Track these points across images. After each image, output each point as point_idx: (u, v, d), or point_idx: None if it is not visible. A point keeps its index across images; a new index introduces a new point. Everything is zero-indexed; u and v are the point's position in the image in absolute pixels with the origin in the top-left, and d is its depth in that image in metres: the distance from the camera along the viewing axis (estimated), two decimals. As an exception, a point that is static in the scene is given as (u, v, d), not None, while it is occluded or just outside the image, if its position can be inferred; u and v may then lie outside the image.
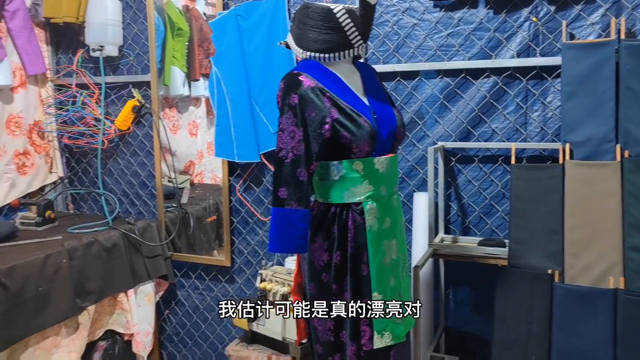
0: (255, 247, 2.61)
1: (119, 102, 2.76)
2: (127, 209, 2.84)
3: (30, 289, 2.03)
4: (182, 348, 2.85)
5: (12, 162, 2.66)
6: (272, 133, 2.46)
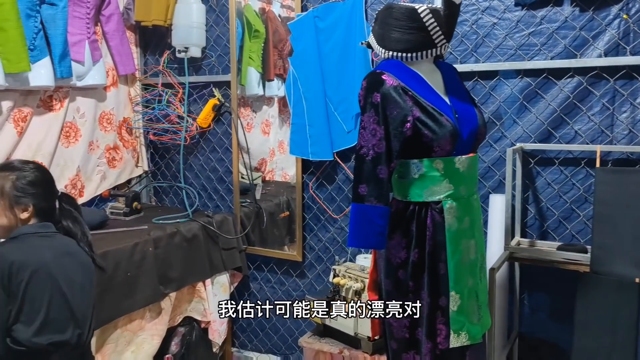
0: (326, 243, 2.66)
1: (200, 101, 2.90)
2: (205, 203, 2.98)
3: (120, 274, 2.18)
4: (254, 338, 2.95)
5: (104, 156, 2.86)
6: (346, 132, 2.50)
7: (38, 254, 1.53)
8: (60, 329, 1.52)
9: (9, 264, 1.46)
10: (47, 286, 1.50)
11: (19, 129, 2.41)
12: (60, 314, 1.53)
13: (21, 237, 1.57)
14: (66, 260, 1.59)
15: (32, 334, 1.46)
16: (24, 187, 1.59)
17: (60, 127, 2.59)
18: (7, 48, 2.19)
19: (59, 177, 2.63)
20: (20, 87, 2.35)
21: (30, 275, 1.47)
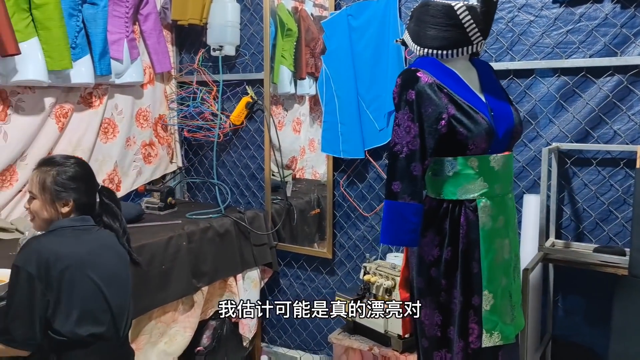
0: (356, 241, 2.67)
1: (234, 99, 2.95)
2: (237, 199, 3.02)
3: (155, 267, 2.24)
4: (283, 334, 2.97)
5: (140, 152, 2.93)
6: (377, 130, 2.51)
7: (74, 247, 1.55)
8: (97, 321, 1.56)
9: (46, 257, 1.49)
10: (83, 279, 1.53)
11: (60, 124, 2.50)
12: (97, 307, 1.56)
13: (58, 230, 1.59)
14: (102, 253, 1.62)
15: (71, 325, 1.50)
16: (65, 182, 1.62)
17: (99, 123, 2.67)
18: (50, 46, 2.27)
19: (98, 172, 2.71)
20: (62, 84, 2.43)
21: (66, 268, 1.50)
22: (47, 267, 1.48)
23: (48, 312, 1.50)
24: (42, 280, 1.48)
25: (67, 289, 1.51)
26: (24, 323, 1.47)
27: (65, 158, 1.71)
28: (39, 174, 1.63)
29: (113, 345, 1.62)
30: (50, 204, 1.62)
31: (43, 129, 2.43)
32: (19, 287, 1.47)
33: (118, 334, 1.63)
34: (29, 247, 1.53)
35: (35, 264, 1.47)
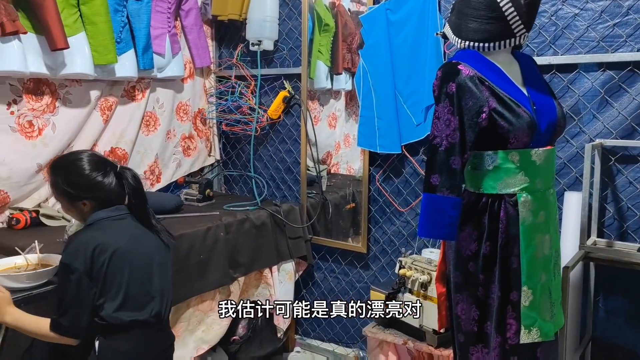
0: (391, 236, 2.67)
1: (271, 93, 2.98)
2: (273, 192, 3.06)
3: (194, 256, 2.29)
4: (316, 327, 3.00)
5: (179, 145, 3.00)
6: (414, 125, 2.50)
7: (114, 236, 1.59)
8: (139, 307, 1.60)
9: (91, 250, 1.53)
10: (125, 267, 1.57)
11: (104, 117, 2.58)
12: (138, 293, 1.60)
13: (97, 222, 1.61)
14: (141, 240, 1.66)
15: (114, 311, 1.55)
16: (74, 185, 1.61)
17: (141, 116, 2.74)
18: (97, 41, 2.35)
19: (139, 163, 2.79)
20: (107, 78, 2.51)
21: (110, 258, 1.55)
22: (92, 260, 1.53)
23: (94, 302, 1.55)
24: (88, 274, 1.52)
25: (111, 278, 1.55)
26: (73, 316, 1.52)
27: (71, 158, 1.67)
28: (51, 179, 1.66)
29: (154, 329, 1.67)
30: (70, 205, 1.65)
31: (89, 121, 2.52)
32: (67, 283, 1.52)
33: (159, 318, 1.67)
34: (72, 243, 1.57)
35: (80, 260, 1.52)
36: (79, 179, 1.62)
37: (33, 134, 2.31)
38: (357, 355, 2.82)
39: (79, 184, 1.62)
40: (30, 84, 2.29)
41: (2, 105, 2.20)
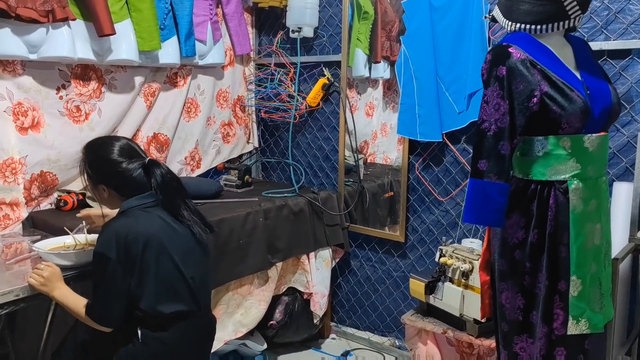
0: (429, 225, 2.64)
1: (310, 81, 2.98)
2: (310, 180, 3.07)
3: (233, 241, 2.32)
4: (352, 315, 3.00)
5: (219, 132, 3.04)
6: (456, 113, 2.45)
7: (147, 226, 1.57)
8: (178, 297, 1.60)
9: (123, 239, 1.52)
10: (160, 257, 1.56)
11: (148, 102, 2.62)
12: (175, 283, 1.59)
13: (128, 211, 1.60)
14: (176, 230, 1.63)
15: (153, 303, 1.55)
16: (90, 170, 1.64)
17: (183, 103, 2.78)
18: (141, 27, 2.39)
19: (180, 149, 2.84)
20: (150, 64, 2.56)
21: (144, 248, 1.53)
22: (126, 250, 1.52)
23: (131, 292, 1.55)
24: (122, 264, 1.52)
25: (147, 269, 1.54)
26: (106, 306, 1.55)
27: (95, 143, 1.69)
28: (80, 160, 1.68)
29: (195, 317, 1.67)
30: (93, 189, 1.68)
31: (133, 107, 2.57)
32: (101, 273, 1.54)
33: (199, 306, 1.67)
34: (106, 232, 1.56)
35: (114, 249, 1.51)
36: (100, 162, 1.63)
37: (80, 119, 2.37)
38: (393, 343, 2.81)
39: (100, 167, 1.63)
40: (78, 69, 2.35)
41: (51, 90, 2.26)
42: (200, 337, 1.74)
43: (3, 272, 1.77)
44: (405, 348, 2.71)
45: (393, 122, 2.80)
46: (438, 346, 2.07)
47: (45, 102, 2.24)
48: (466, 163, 2.46)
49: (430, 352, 2.06)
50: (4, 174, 2.14)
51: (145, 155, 1.68)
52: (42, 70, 2.22)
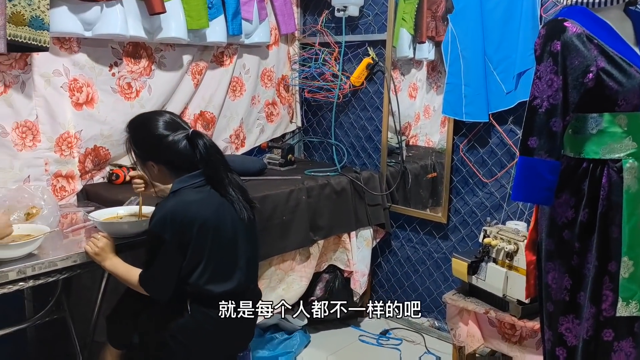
0: (473, 207, 2.61)
1: (354, 60, 2.97)
2: (352, 160, 3.08)
3: (276, 217, 2.36)
4: (391, 294, 3.02)
5: (263, 111, 3.08)
6: (504, 93, 2.41)
7: (200, 208, 1.59)
8: (226, 277, 1.64)
9: (178, 222, 1.55)
10: (211, 238, 1.60)
11: (195, 81, 2.68)
12: (225, 264, 1.64)
13: (180, 191, 1.62)
14: (226, 209, 1.65)
15: (202, 282, 1.60)
16: (136, 147, 1.66)
17: (228, 82, 2.83)
18: (190, 6, 2.43)
19: (225, 127, 2.90)
20: (198, 43, 2.60)
21: (198, 231, 1.57)
22: (180, 232, 1.56)
23: (183, 270, 1.60)
24: (176, 244, 1.57)
25: (200, 251, 1.59)
26: (159, 280, 1.60)
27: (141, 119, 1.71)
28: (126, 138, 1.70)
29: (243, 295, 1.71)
30: (143, 167, 1.70)
31: (181, 85, 2.63)
32: (156, 250, 1.59)
33: (247, 284, 1.72)
34: (160, 212, 1.59)
35: (169, 231, 1.55)
36: (146, 138, 1.64)
37: (131, 95, 2.45)
38: (432, 324, 2.81)
39: (146, 143, 1.65)
40: (129, 47, 2.42)
41: (104, 67, 2.34)
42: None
43: (60, 240, 1.87)
44: (444, 329, 2.71)
45: (436, 104, 2.77)
46: (479, 326, 2.07)
47: (98, 78, 2.32)
48: (513, 144, 2.41)
49: (471, 332, 2.06)
50: (61, 147, 2.23)
51: (188, 127, 1.70)
52: (96, 48, 2.30)
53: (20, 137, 2.10)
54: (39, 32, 1.93)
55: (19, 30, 1.88)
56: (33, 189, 1.96)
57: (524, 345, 1.96)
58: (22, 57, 2.07)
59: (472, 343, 2.07)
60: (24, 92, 2.10)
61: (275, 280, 2.46)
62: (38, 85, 2.13)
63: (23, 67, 2.08)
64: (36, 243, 1.66)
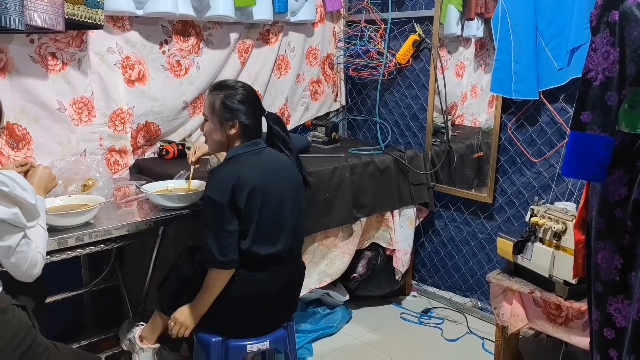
0: (520, 187, 2.56)
1: (400, 37, 2.93)
2: (396, 139, 3.06)
3: (321, 193, 2.39)
4: (434, 274, 3.01)
5: (308, 89, 3.09)
6: (556, 69, 2.33)
7: (251, 173, 1.67)
8: (272, 241, 1.70)
9: (231, 186, 1.63)
10: (261, 203, 1.66)
11: (242, 59, 2.72)
12: (272, 228, 1.70)
13: (235, 157, 1.72)
14: (275, 176, 1.73)
15: (249, 244, 1.67)
16: (231, 105, 1.73)
17: (274, 60, 2.85)
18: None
19: (270, 106, 2.93)
20: (245, 21, 2.63)
21: (248, 197, 1.64)
22: (232, 195, 1.63)
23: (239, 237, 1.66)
24: (231, 207, 1.63)
25: (249, 214, 1.65)
26: (221, 246, 1.65)
27: (234, 82, 1.83)
28: (210, 97, 1.77)
29: (288, 261, 1.78)
30: (219, 125, 1.75)
31: (228, 62, 2.67)
32: (212, 214, 1.65)
33: (291, 252, 1.78)
34: (214, 178, 1.69)
35: (222, 195, 1.63)
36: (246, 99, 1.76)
37: (180, 73, 2.51)
38: (475, 304, 2.79)
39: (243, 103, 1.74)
40: (179, 25, 2.47)
41: (155, 45, 2.41)
42: (291, 281, 1.84)
43: (114, 211, 1.96)
44: (487, 310, 2.69)
45: (484, 84, 2.71)
46: (524, 306, 2.04)
47: (149, 56, 2.39)
48: (564, 123, 2.34)
49: (515, 312, 2.04)
50: (114, 123, 2.32)
51: None
52: (147, 26, 2.36)
53: (77, 112, 2.20)
54: (94, 11, 2.01)
55: (76, 8, 1.95)
56: (89, 161, 2.06)
57: (570, 326, 1.92)
58: (79, 35, 2.16)
59: (516, 323, 2.05)
60: (80, 69, 2.19)
61: (318, 256, 2.49)
62: (93, 62, 2.22)
63: (79, 45, 2.17)
64: (92, 212, 1.74)
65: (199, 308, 1.72)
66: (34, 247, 1.36)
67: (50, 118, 2.13)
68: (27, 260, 1.34)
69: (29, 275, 1.37)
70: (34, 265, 1.36)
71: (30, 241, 1.36)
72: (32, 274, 1.37)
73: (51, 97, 2.12)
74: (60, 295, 2.08)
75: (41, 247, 1.40)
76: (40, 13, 1.83)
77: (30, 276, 1.38)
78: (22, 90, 2.05)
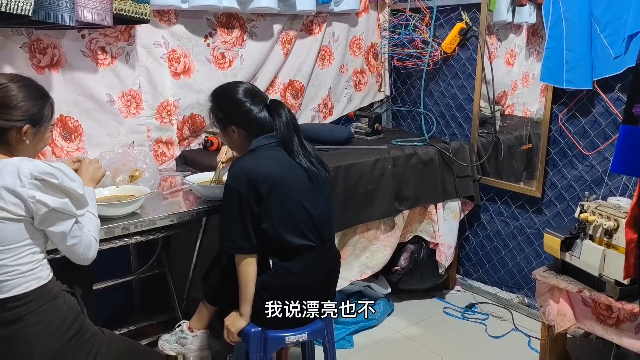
0: (570, 181, 2.45)
1: (446, 26, 2.85)
2: (441, 130, 2.99)
3: (362, 185, 2.37)
4: (479, 269, 2.94)
5: (351, 80, 3.07)
6: (612, 58, 2.20)
7: (272, 166, 1.68)
8: (303, 233, 1.70)
9: (252, 177, 1.64)
10: (285, 195, 1.67)
11: (285, 50, 2.72)
12: (301, 220, 1.70)
13: (257, 149, 1.72)
14: (295, 169, 1.72)
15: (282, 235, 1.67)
16: (219, 114, 1.75)
17: (317, 50, 2.85)
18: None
19: (313, 96, 2.93)
20: (288, 12, 2.63)
21: (269, 189, 1.64)
22: (255, 186, 1.64)
23: (261, 224, 1.66)
24: (251, 197, 1.64)
25: (274, 205, 1.66)
26: (239, 232, 1.66)
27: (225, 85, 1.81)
28: (209, 106, 1.79)
29: (321, 250, 1.77)
30: (224, 134, 1.78)
31: (271, 54, 2.68)
32: (231, 203, 1.67)
33: (323, 242, 1.77)
34: (235, 168, 1.69)
35: (244, 184, 1.64)
36: (228, 102, 1.74)
37: (224, 65, 2.54)
38: (522, 301, 2.71)
39: (228, 107, 1.74)
40: (223, 18, 2.50)
41: (200, 38, 2.45)
42: (326, 269, 1.84)
43: (160, 201, 2.02)
44: (534, 307, 2.61)
45: (536, 72, 2.60)
46: (571, 305, 1.96)
47: (194, 49, 2.43)
48: (619, 114, 2.22)
49: (562, 311, 1.96)
50: (161, 115, 2.39)
51: (266, 96, 1.81)
52: (192, 20, 2.41)
53: (125, 105, 2.27)
54: (140, 5, 2.06)
55: (123, 4, 2.00)
56: (136, 153, 2.13)
57: (621, 328, 1.83)
58: (127, 29, 2.22)
59: (563, 322, 1.97)
60: (128, 62, 2.25)
61: (359, 248, 2.48)
62: (140, 56, 2.28)
63: (127, 39, 2.23)
64: (138, 203, 1.80)
65: (243, 308, 1.75)
66: (87, 231, 1.43)
67: (100, 110, 2.21)
68: (82, 244, 1.41)
69: (85, 258, 1.43)
70: (89, 248, 1.43)
71: (83, 226, 1.42)
72: (88, 257, 1.44)
73: (101, 90, 2.20)
74: (110, 282, 2.17)
75: (93, 231, 1.46)
76: (90, 9, 1.89)
77: (87, 259, 1.44)
78: (74, 84, 2.13)
